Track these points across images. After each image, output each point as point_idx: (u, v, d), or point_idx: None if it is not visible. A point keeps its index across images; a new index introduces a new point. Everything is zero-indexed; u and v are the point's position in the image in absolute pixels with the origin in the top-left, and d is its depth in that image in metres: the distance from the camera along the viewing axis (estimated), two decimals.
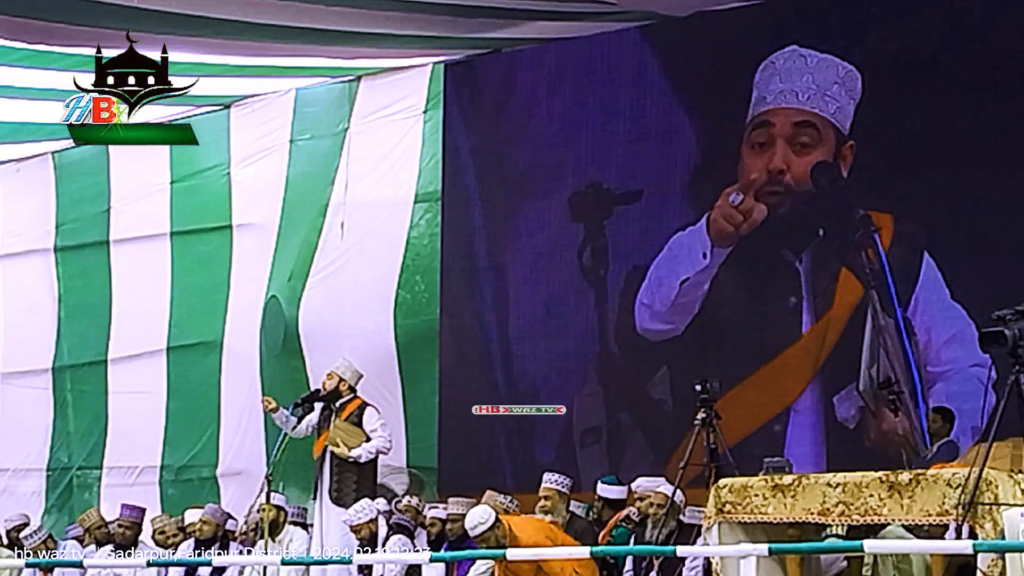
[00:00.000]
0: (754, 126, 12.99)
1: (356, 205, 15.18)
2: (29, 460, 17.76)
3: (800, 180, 12.72)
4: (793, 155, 12.78)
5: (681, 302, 13.18)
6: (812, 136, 12.69)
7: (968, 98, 11.98)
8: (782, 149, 12.81)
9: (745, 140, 13.03)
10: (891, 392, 11.26)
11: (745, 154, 13.03)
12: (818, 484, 8.87)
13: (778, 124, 12.86)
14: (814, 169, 12.66)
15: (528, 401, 13.93)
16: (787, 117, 12.82)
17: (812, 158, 12.68)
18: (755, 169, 12.94)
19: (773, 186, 12.84)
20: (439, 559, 11.47)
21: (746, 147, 13.03)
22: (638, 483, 11.64)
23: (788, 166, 12.78)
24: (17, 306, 18.20)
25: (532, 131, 14.41)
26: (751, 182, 12.91)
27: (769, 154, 12.88)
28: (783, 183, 12.79)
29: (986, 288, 11.39)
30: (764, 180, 12.88)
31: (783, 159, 12.80)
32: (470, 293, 14.68)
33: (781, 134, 12.82)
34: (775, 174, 12.82)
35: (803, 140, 12.74)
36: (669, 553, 10.14)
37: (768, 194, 12.89)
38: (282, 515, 12.86)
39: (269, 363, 15.56)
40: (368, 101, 15.34)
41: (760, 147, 12.94)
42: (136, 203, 17.11)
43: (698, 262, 13.15)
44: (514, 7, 12.68)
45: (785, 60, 12.84)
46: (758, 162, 12.93)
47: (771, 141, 12.88)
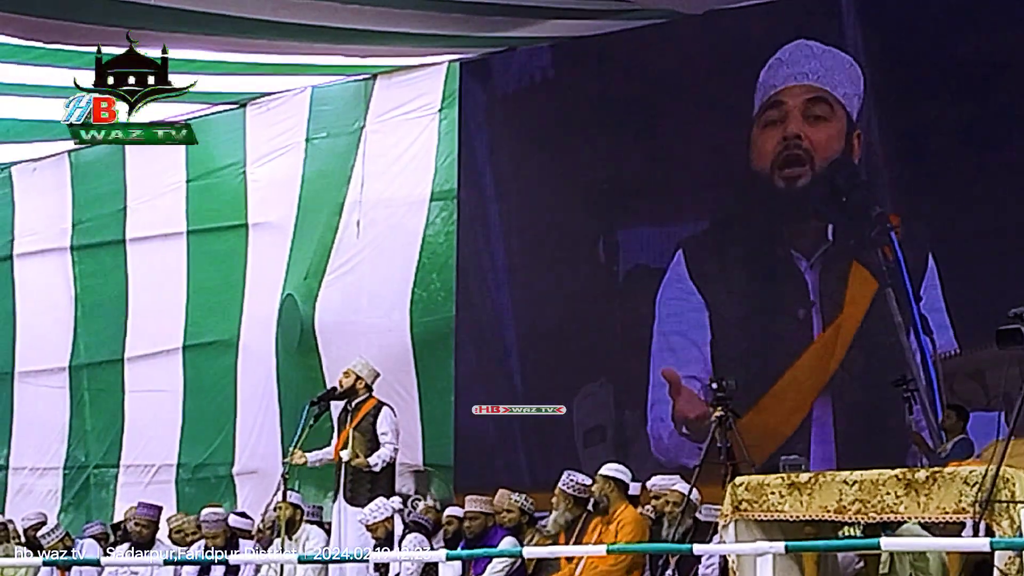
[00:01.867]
0: (765, 108, 12.95)
1: (372, 203, 15.19)
2: (46, 459, 17.80)
3: (819, 148, 12.66)
4: (808, 126, 12.72)
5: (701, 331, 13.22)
6: (825, 110, 12.64)
7: (975, 99, 11.98)
8: (796, 120, 12.76)
9: (756, 124, 12.99)
10: (906, 389, 11.24)
11: (756, 137, 12.99)
12: (835, 482, 8.84)
13: (790, 101, 12.82)
14: (830, 167, 12.64)
15: (545, 400, 13.92)
16: (799, 94, 12.79)
17: (827, 129, 12.62)
18: (769, 143, 12.90)
19: (790, 151, 12.77)
20: (455, 557, 11.46)
21: (757, 130, 12.99)
22: (653, 481, 11.63)
23: (804, 134, 12.73)
24: (34, 305, 18.24)
25: (548, 129, 14.40)
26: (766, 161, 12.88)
27: (783, 127, 12.84)
28: (800, 147, 12.71)
29: (989, 290, 11.42)
30: (780, 149, 12.83)
31: (798, 127, 12.75)
32: (486, 291, 14.68)
33: (794, 107, 12.78)
34: (791, 139, 12.75)
35: (816, 113, 12.69)
36: (685, 551, 10.13)
37: (785, 163, 12.83)
38: (299, 513, 12.86)
39: (285, 361, 15.57)
40: (384, 99, 15.34)
41: (772, 124, 12.91)
42: (152, 202, 17.14)
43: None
44: (530, 5, 12.67)
45: (791, 52, 12.82)
46: (772, 135, 12.88)
47: (784, 116, 12.84)
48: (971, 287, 11.81)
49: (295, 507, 12.79)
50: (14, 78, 13.75)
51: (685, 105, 13.56)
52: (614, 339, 13.84)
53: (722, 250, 13.33)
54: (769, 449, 12.21)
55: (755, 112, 12.98)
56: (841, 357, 12.53)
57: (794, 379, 12.72)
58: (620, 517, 11.08)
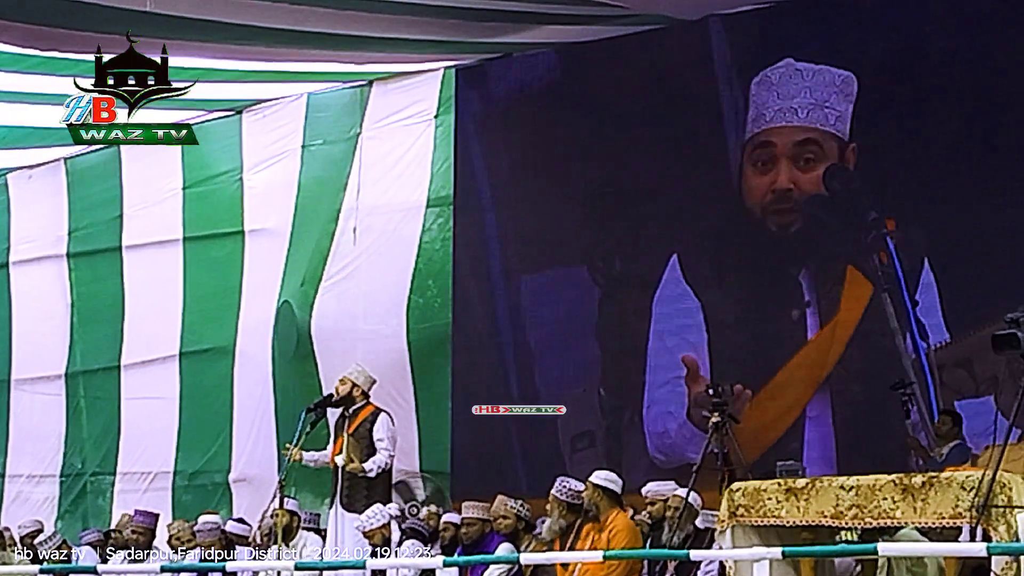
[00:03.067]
0: (755, 146, 13.02)
1: (368, 210, 15.19)
2: (43, 466, 17.78)
3: (809, 193, 12.75)
4: (798, 172, 12.80)
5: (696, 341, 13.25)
6: (816, 152, 12.72)
7: (967, 105, 12.01)
8: (786, 168, 12.84)
9: (747, 157, 13.06)
10: (903, 393, 11.25)
11: (748, 175, 13.08)
12: (831, 487, 8.85)
13: (779, 144, 12.89)
14: (826, 172, 12.66)
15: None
16: (788, 136, 12.85)
17: (817, 171, 12.71)
18: (760, 189, 12.98)
19: (781, 203, 12.86)
20: (452, 563, 11.46)
21: (748, 166, 13.07)
22: (648, 487, 11.63)
23: (795, 183, 12.81)
24: (30, 312, 18.23)
25: (543, 135, 14.41)
26: (756, 202, 12.99)
27: (773, 173, 12.90)
28: (791, 199, 12.82)
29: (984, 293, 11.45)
30: (770, 199, 12.91)
31: (788, 178, 12.82)
32: (483, 297, 14.69)
33: (784, 154, 12.86)
34: (782, 192, 12.84)
35: (807, 155, 12.76)
36: (682, 557, 10.13)
37: (776, 212, 12.91)
38: (296, 520, 12.85)
39: (282, 368, 15.57)
40: (380, 106, 15.35)
41: (763, 166, 12.97)
42: (148, 208, 17.12)
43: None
44: (525, 11, 12.68)
45: (780, 75, 12.85)
46: (762, 182, 12.97)
47: (773, 160, 12.91)
48: (966, 291, 11.83)
49: (292, 514, 12.77)
50: (11, 85, 13.75)
51: (680, 111, 13.56)
52: (610, 344, 13.83)
53: (717, 254, 13.34)
54: (762, 448, 12.27)
55: (747, 136, 13.01)
56: (836, 360, 12.55)
57: (788, 379, 12.74)
58: (612, 524, 11.09)
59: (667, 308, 13.46)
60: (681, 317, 13.36)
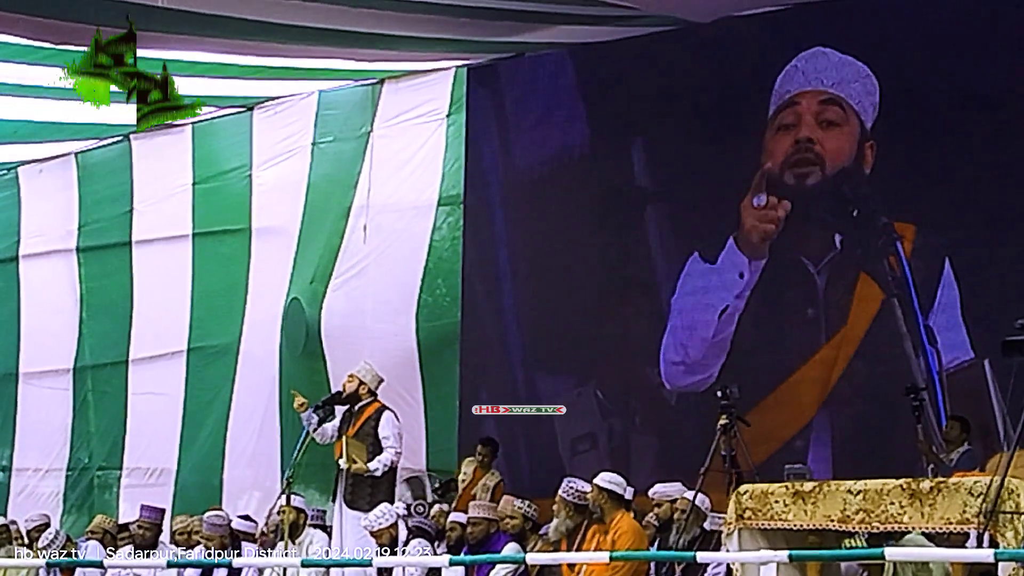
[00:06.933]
0: (779, 109, 12.99)
1: (378, 208, 15.18)
2: (49, 460, 17.81)
3: (830, 153, 12.69)
4: (820, 130, 12.76)
5: (719, 339, 13.18)
6: (838, 114, 12.69)
7: (991, 109, 11.97)
8: (809, 124, 12.81)
9: (769, 127, 13.01)
10: (916, 398, 11.23)
11: (769, 140, 13.03)
12: (839, 491, 8.83)
13: (804, 103, 12.88)
14: (836, 176, 12.65)
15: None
16: (813, 97, 12.84)
17: (839, 134, 12.66)
18: (782, 147, 12.93)
19: (802, 153, 12.81)
20: (458, 562, 11.45)
21: (770, 133, 13.02)
22: (654, 489, 11.62)
23: (816, 139, 12.76)
24: (39, 306, 18.25)
25: (555, 135, 14.40)
26: (777, 161, 12.93)
27: (795, 130, 12.89)
28: (812, 151, 12.76)
29: (1005, 299, 11.39)
30: (791, 151, 12.85)
31: (810, 131, 12.79)
32: (492, 297, 14.69)
33: (807, 111, 12.85)
34: (804, 142, 12.79)
35: (829, 117, 12.75)
36: (689, 559, 10.12)
37: (795, 164, 12.84)
38: (302, 517, 12.84)
39: (290, 365, 15.56)
40: (391, 104, 15.35)
41: (786, 128, 12.94)
42: (158, 204, 17.15)
43: (735, 284, 13.11)
44: (538, 11, 12.67)
45: (807, 60, 12.85)
46: (785, 139, 12.93)
47: (797, 119, 12.89)
48: (987, 297, 11.79)
49: (298, 511, 12.77)
50: (22, 78, 13.74)
51: (695, 112, 13.55)
52: (624, 343, 13.82)
53: (732, 252, 13.31)
54: (769, 450, 12.24)
55: (770, 114, 12.99)
56: (844, 365, 12.53)
57: (799, 382, 12.73)
58: (617, 526, 11.07)
59: (682, 305, 13.43)
60: (696, 312, 13.33)
